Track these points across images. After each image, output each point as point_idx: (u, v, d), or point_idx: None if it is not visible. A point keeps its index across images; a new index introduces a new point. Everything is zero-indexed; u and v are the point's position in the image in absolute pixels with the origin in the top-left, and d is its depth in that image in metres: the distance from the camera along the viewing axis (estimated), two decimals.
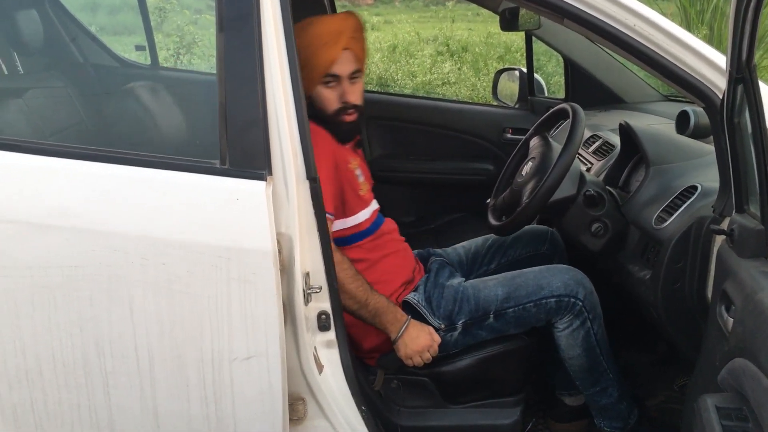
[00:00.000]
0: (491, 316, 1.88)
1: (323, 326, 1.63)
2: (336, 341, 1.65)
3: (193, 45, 6.47)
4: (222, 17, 1.48)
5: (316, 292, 1.58)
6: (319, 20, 1.81)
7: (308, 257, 1.57)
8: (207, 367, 1.52)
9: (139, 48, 3.03)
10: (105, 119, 1.99)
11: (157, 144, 1.68)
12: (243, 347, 1.51)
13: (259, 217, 1.45)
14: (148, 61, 2.89)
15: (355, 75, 1.82)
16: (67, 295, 1.47)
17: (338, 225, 1.83)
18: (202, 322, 1.49)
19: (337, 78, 1.79)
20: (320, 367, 1.64)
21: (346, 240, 1.86)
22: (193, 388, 1.53)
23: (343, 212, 1.84)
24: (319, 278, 1.59)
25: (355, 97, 1.82)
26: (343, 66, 1.79)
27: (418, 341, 1.81)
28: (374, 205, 1.95)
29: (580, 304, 1.88)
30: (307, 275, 1.56)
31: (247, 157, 1.48)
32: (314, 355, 1.63)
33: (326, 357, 1.66)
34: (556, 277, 1.90)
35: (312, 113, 1.80)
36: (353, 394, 1.68)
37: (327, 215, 1.67)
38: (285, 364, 1.53)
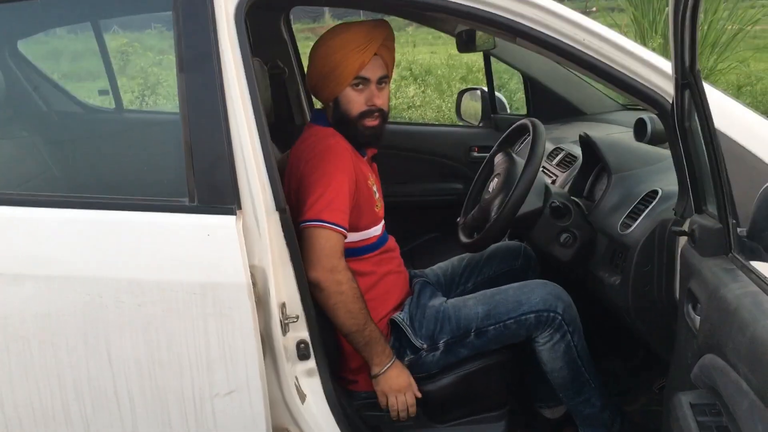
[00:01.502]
0: (472, 334, 1.90)
1: (303, 355, 1.63)
2: (317, 369, 1.66)
3: (158, 85, 6.47)
4: (182, 58, 1.50)
5: (294, 322, 1.59)
6: (353, 26, 1.85)
7: (283, 287, 1.59)
8: (189, 404, 1.52)
9: (102, 93, 3.04)
10: (72, 166, 1.99)
11: (125, 186, 1.69)
12: (224, 382, 1.51)
13: (231, 251, 1.46)
14: (113, 105, 2.89)
15: (382, 80, 1.87)
16: (44, 342, 1.46)
17: (350, 237, 1.83)
18: (181, 360, 1.49)
19: (366, 81, 1.83)
20: (302, 397, 1.65)
21: (356, 251, 1.87)
22: (176, 427, 1.53)
23: (357, 227, 1.86)
24: (296, 307, 1.60)
25: (381, 101, 1.86)
26: (373, 70, 1.83)
27: (399, 380, 1.82)
28: (382, 221, 1.99)
29: (560, 318, 1.90)
30: (283, 305, 1.57)
31: (216, 193, 1.50)
32: (296, 385, 1.63)
33: (308, 385, 1.67)
34: (535, 293, 1.92)
35: (335, 118, 1.87)
36: (337, 421, 1.69)
37: (339, 229, 1.72)
38: (267, 396, 1.54)
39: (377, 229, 1.93)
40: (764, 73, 7.54)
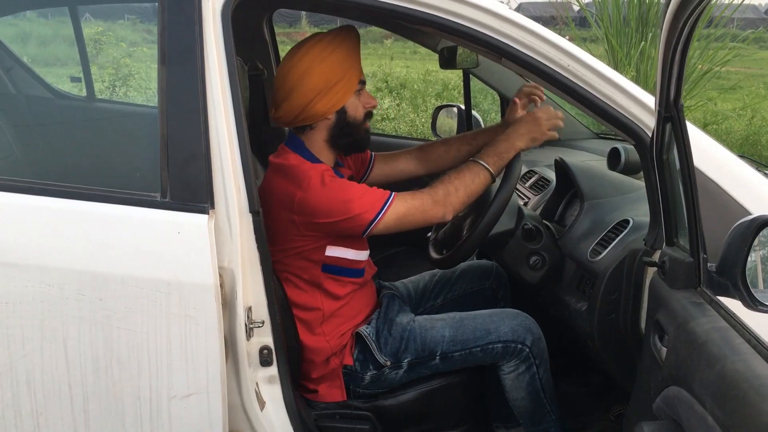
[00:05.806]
0: (437, 357, 1.88)
1: (265, 361, 1.60)
2: (278, 376, 1.63)
3: (129, 77, 6.38)
4: (164, 50, 1.48)
5: (258, 327, 1.57)
6: (347, 32, 1.80)
7: (250, 291, 1.56)
8: (144, 405, 1.48)
9: (74, 80, 2.98)
10: (40, 152, 1.94)
11: (94, 177, 1.65)
12: (183, 384, 1.47)
13: (201, 250, 1.43)
14: (84, 93, 2.84)
15: None
16: None
17: (344, 254, 1.80)
18: (140, 359, 1.45)
19: (362, 84, 1.83)
20: (262, 404, 1.62)
21: (343, 272, 1.82)
22: (129, 428, 1.49)
23: (354, 244, 1.81)
24: (262, 312, 1.58)
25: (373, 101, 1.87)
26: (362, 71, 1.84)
27: (535, 128, 1.84)
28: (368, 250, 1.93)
29: (527, 350, 1.89)
30: (249, 309, 1.55)
31: (189, 191, 1.47)
32: (256, 391, 1.60)
33: (268, 393, 1.64)
34: (505, 323, 1.90)
35: (336, 130, 1.80)
36: (295, 430, 1.66)
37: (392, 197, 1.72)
38: (226, 401, 1.51)
39: (365, 255, 1.88)
40: (730, 113, 7.74)
